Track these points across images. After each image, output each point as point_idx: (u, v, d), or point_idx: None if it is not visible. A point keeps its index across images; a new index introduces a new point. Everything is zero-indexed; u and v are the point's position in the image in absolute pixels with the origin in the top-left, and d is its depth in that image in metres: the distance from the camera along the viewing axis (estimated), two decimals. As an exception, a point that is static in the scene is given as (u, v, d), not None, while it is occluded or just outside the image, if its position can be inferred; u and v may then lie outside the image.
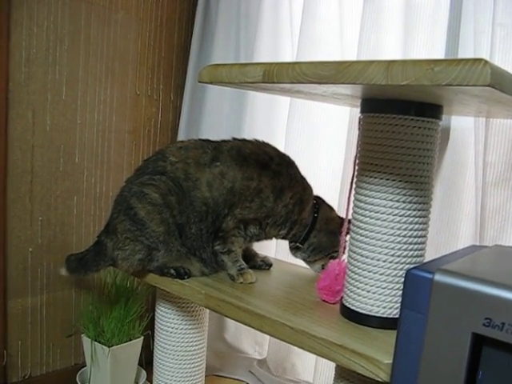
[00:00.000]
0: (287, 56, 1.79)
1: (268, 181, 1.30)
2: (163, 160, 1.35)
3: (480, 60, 0.68)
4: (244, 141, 1.39)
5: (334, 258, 1.30)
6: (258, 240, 1.40)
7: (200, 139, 1.41)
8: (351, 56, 1.56)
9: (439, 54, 1.41)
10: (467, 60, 0.69)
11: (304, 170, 1.38)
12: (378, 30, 1.48)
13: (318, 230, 1.37)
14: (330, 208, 1.40)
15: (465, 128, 1.37)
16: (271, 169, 1.32)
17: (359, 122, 1.09)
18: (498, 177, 1.31)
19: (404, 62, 0.74)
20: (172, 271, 1.32)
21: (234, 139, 1.39)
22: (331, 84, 0.82)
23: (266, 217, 1.32)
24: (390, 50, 1.48)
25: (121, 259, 1.34)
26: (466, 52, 1.39)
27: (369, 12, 1.48)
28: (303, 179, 1.37)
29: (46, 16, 1.71)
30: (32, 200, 1.76)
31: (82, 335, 1.83)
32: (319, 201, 1.39)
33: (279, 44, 1.81)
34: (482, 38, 1.30)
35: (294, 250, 1.41)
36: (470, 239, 1.38)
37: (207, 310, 1.50)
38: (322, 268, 1.31)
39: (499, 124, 1.30)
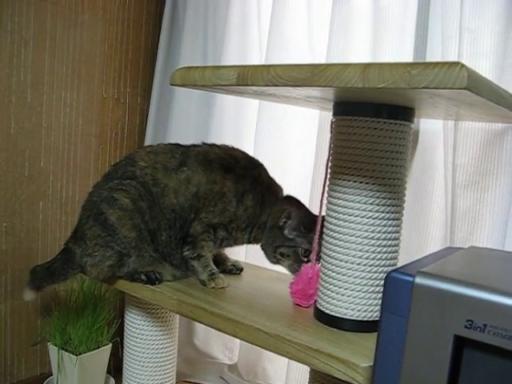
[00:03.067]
0: (255, 59, 1.79)
1: (231, 184, 1.29)
2: (132, 165, 1.33)
3: (457, 63, 0.68)
4: (213, 145, 1.38)
5: (301, 257, 1.27)
6: (228, 245, 1.38)
7: (170, 143, 1.40)
8: (321, 58, 1.56)
9: (408, 57, 1.42)
10: (444, 63, 0.69)
11: (273, 174, 1.37)
12: (346, 33, 1.49)
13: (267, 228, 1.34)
14: (299, 205, 1.34)
15: (434, 130, 1.39)
16: (235, 172, 1.31)
17: (331, 125, 1.08)
18: (468, 179, 1.33)
19: (381, 65, 0.74)
20: (143, 277, 1.30)
21: (204, 144, 1.39)
22: (306, 87, 0.82)
23: (229, 221, 1.31)
24: (359, 53, 1.48)
25: (90, 266, 1.32)
26: (433, 56, 1.41)
27: (338, 15, 1.48)
28: (270, 181, 1.36)
29: (10, 17, 1.67)
30: (-4, 205, 1.72)
31: (48, 343, 1.79)
32: (291, 200, 1.35)
33: (247, 48, 1.81)
34: (450, 42, 1.32)
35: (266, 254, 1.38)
36: (441, 241, 1.40)
37: (177, 316, 1.48)
38: (291, 271, 1.29)
39: (468, 127, 1.32)
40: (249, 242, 1.37)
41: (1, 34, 1.66)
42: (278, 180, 1.38)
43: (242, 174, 1.31)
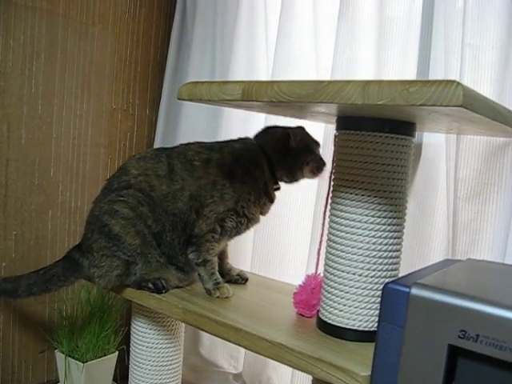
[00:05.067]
0: (262, 71, 1.81)
1: (215, 171, 1.33)
2: (126, 174, 1.38)
3: (453, 82, 0.71)
4: (187, 144, 1.43)
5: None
6: (237, 234, 1.40)
7: (155, 149, 1.48)
8: (326, 70, 1.58)
9: (411, 69, 1.44)
10: (440, 81, 0.72)
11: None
12: (352, 45, 1.51)
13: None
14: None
15: (436, 144, 1.41)
16: (213, 159, 1.35)
17: (335, 139, 1.11)
18: (469, 192, 1.35)
19: (380, 83, 0.77)
20: (150, 285, 1.32)
21: (181, 144, 1.43)
22: (309, 103, 0.84)
23: (236, 202, 1.33)
24: (364, 65, 1.50)
25: (98, 277, 1.35)
26: (436, 69, 1.42)
27: (343, 28, 1.51)
28: (243, 142, 1.41)
29: (23, 30, 1.71)
30: (6, 214, 1.75)
31: (56, 351, 1.81)
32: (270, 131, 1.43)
33: (255, 61, 1.83)
34: (452, 57, 1.34)
35: None
36: (443, 253, 1.41)
37: (183, 325, 1.50)
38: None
39: (469, 140, 1.34)
40: (271, 200, 1.40)
41: (14, 46, 1.69)
42: (282, 191, 1.41)
43: (220, 157, 1.36)
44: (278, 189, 1.41)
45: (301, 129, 1.38)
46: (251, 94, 0.90)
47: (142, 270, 1.33)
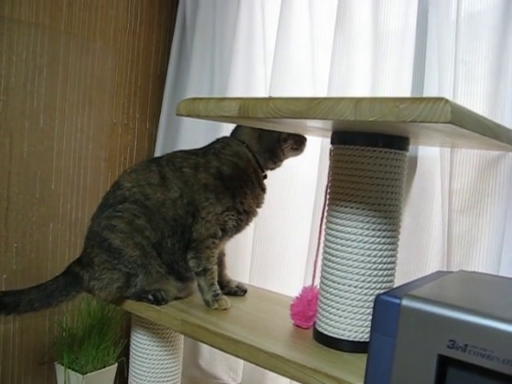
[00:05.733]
0: (260, 85, 1.83)
1: (205, 175, 1.37)
2: (120, 188, 1.41)
3: (441, 99, 0.73)
4: (173, 152, 1.47)
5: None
6: (237, 231, 1.44)
7: (145, 160, 1.51)
8: (323, 84, 1.60)
9: (407, 82, 1.46)
10: (429, 99, 0.74)
11: (277, 198, 1.43)
12: (348, 58, 1.53)
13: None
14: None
15: (431, 157, 1.43)
16: (200, 164, 1.39)
17: (330, 153, 1.13)
18: (463, 204, 1.37)
19: (372, 100, 0.79)
20: (150, 297, 1.34)
21: (166, 154, 1.48)
22: (303, 119, 0.87)
23: (233, 199, 1.36)
24: (361, 77, 1.52)
25: (98, 289, 1.36)
26: (431, 83, 1.44)
27: (339, 41, 1.53)
28: (223, 142, 1.46)
29: (26, 46, 1.74)
30: (7, 226, 1.77)
31: (56, 362, 1.83)
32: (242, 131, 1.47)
33: (253, 73, 1.85)
34: (446, 72, 1.36)
35: None
36: (438, 264, 1.42)
37: (182, 336, 1.52)
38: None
39: (464, 153, 1.36)
40: (263, 189, 1.45)
41: (16, 62, 1.72)
42: (282, 203, 1.43)
43: (205, 161, 1.39)
44: (265, 177, 1.45)
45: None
46: (247, 111, 0.92)
47: (142, 282, 1.36)
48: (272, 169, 1.46)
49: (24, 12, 1.73)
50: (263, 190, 1.44)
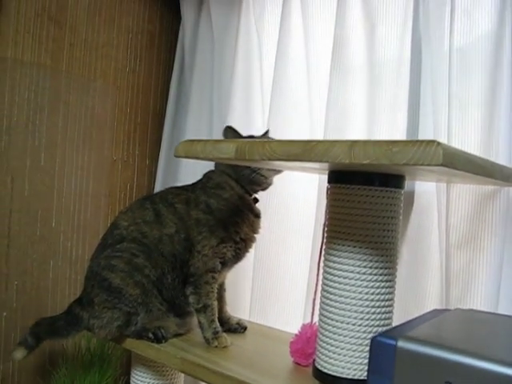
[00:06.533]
0: (258, 123, 1.84)
1: (196, 211, 1.39)
2: (117, 228, 1.42)
3: (433, 142, 0.74)
4: (166, 189, 1.50)
5: None
6: (238, 260, 1.45)
7: (140, 198, 1.53)
8: (320, 123, 1.62)
9: (402, 113, 1.47)
10: (421, 142, 0.75)
11: (276, 233, 1.44)
12: (344, 91, 1.55)
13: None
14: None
15: (428, 192, 1.44)
16: (191, 200, 1.41)
17: (327, 192, 1.15)
18: (461, 239, 1.37)
19: (365, 143, 0.81)
20: (150, 335, 1.34)
21: (160, 191, 1.51)
22: (299, 161, 0.89)
23: (225, 229, 1.37)
24: (357, 111, 1.55)
25: (98, 328, 1.37)
26: (426, 117, 1.46)
27: (335, 75, 1.55)
28: (208, 176, 1.48)
29: (28, 86, 1.77)
30: (8, 264, 1.77)
31: (56, 401, 1.81)
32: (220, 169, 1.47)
33: (251, 109, 1.86)
34: (440, 109, 1.38)
35: None
36: (437, 298, 1.42)
37: (182, 374, 1.52)
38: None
39: (460, 188, 1.37)
40: (256, 214, 1.45)
41: (18, 102, 1.75)
42: (280, 239, 1.44)
43: (194, 196, 1.41)
44: (256, 200, 1.45)
45: (227, 129, 1.45)
46: (244, 153, 0.94)
47: (143, 320, 1.36)
48: (264, 189, 1.46)
49: (26, 52, 1.77)
50: (256, 215, 1.44)
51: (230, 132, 1.43)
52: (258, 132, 1.56)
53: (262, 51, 1.85)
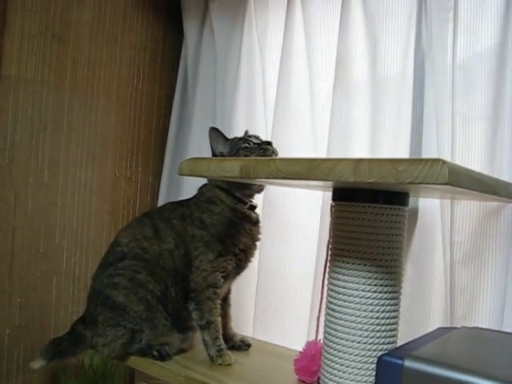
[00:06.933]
0: (262, 136, 1.83)
1: (191, 227, 1.39)
2: (118, 245, 1.42)
3: (438, 160, 0.74)
4: (161, 207, 1.52)
5: None
6: (240, 271, 1.44)
7: (139, 215, 1.53)
8: (323, 135, 1.63)
9: (406, 130, 1.47)
10: (427, 160, 0.75)
11: (279, 251, 1.43)
12: (347, 106, 1.56)
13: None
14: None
15: (432, 208, 1.44)
16: (186, 215, 1.41)
17: (331, 209, 1.15)
18: (465, 255, 1.37)
19: (370, 161, 0.81)
20: (154, 353, 1.33)
21: (159, 206, 1.54)
22: (304, 180, 0.89)
23: (221, 243, 1.36)
24: (359, 127, 1.55)
25: (102, 346, 1.36)
26: (429, 133, 1.46)
27: (338, 93, 1.56)
28: (200, 191, 1.47)
29: (31, 104, 1.78)
30: (11, 281, 1.77)
31: (58, 419, 1.80)
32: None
33: (254, 125, 1.87)
34: (443, 125, 1.39)
35: None
36: (441, 315, 1.42)
37: (186, 392, 1.51)
38: None
39: (464, 205, 1.37)
40: (253, 222, 1.43)
41: (22, 119, 1.76)
42: (284, 254, 1.44)
43: (189, 212, 1.41)
44: (252, 208, 1.44)
45: (212, 130, 1.43)
46: (249, 172, 0.94)
47: (148, 336, 1.35)
48: (259, 192, 1.45)
49: (30, 70, 1.78)
50: (253, 223, 1.43)
51: (215, 133, 1.43)
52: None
53: (264, 68, 1.86)
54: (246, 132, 1.53)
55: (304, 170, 0.87)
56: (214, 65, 2.02)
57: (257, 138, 1.46)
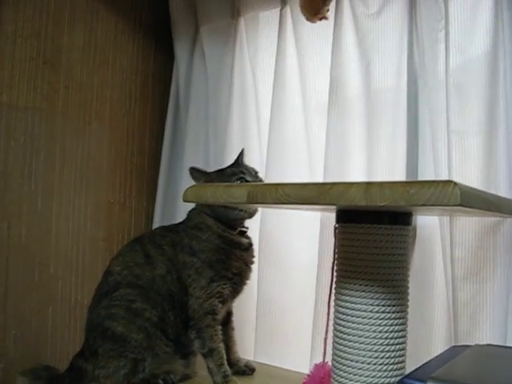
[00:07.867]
0: (256, 157, 1.83)
1: (182, 254, 1.39)
2: (111, 275, 1.41)
3: (450, 182, 0.75)
4: (153, 230, 1.53)
5: None
6: (237, 294, 1.44)
7: (130, 241, 1.53)
8: (318, 156, 1.63)
9: (402, 148, 1.49)
10: (438, 182, 0.76)
11: (278, 270, 1.43)
12: (342, 127, 1.57)
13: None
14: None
15: (431, 225, 1.44)
16: (176, 242, 1.41)
17: (335, 231, 1.15)
18: (466, 271, 1.38)
19: (381, 185, 0.81)
20: (160, 382, 1.31)
21: (148, 231, 1.54)
22: (313, 205, 0.88)
23: (212, 269, 1.36)
24: (355, 150, 1.56)
25: (104, 377, 1.33)
26: (425, 151, 1.47)
27: (333, 111, 1.57)
28: (190, 216, 1.48)
29: (24, 130, 1.76)
30: (6, 313, 1.73)
31: None
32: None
33: (248, 146, 1.85)
34: (439, 143, 1.40)
35: None
36: (445, 332, 1.42)
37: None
38: None
39: (463, 220, 1.38)
40: (243, 247, 1.43)
41: (14, 146, 1.74)
42: (284, 275, 1.43)
43: (178, 238, 1.41)
44: (242, 232, 1.43)
45: (192, 170, 1.44)
46: (256, 197, 0.94)
47: (151, 365, 1.33)
48: (250, 216, 1.42)
49: (21, 97, 1.76)
50: (245, 249, 1.43)
51: (196, 172, 1.43)
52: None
53: (257, 89, 1.87)
54: (242, 150, 1.53)
55: (314, 195, 0.87)
56: (205, 87, 2.02)
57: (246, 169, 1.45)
